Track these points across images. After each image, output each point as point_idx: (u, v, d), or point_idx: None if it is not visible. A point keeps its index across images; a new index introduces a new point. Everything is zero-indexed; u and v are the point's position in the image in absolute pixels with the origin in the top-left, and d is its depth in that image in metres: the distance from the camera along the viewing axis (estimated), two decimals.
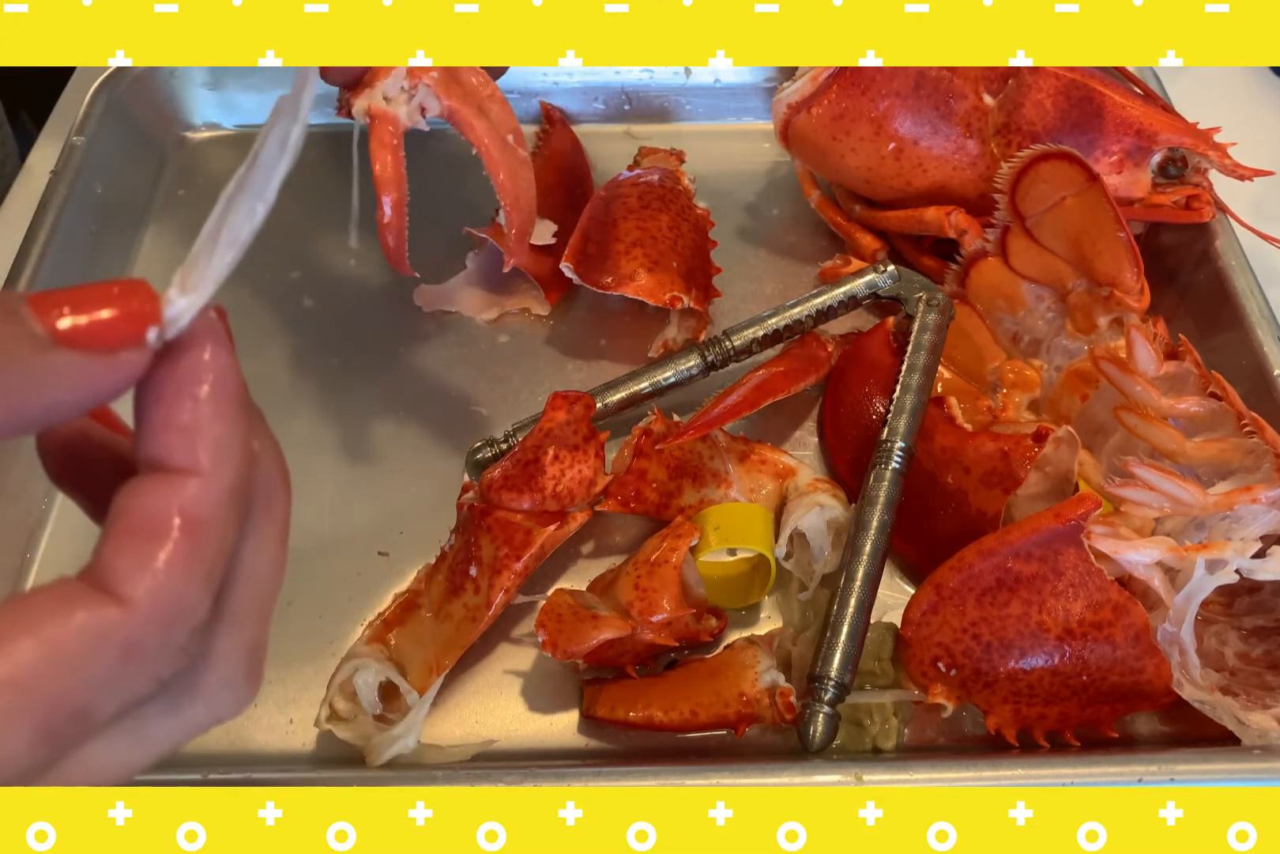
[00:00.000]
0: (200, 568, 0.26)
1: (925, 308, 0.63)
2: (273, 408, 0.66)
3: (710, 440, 0.60)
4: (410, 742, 0.50)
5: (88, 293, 0.26)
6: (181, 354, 0.27)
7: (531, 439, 0.56)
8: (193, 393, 0.27)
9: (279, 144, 0.26)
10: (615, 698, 0.53)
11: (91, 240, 0.72)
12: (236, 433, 0.27)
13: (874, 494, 0.56)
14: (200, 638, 0.28)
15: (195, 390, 0.27)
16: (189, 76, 0.80)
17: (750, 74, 0.82)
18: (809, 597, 0.57)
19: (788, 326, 0.64)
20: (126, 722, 0.27)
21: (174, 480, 0.26)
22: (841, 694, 0.51)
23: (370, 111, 0.56)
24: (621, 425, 0.62)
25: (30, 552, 0.61)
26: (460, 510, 0.57)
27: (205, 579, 0.27)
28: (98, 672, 0.26)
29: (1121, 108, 0.67)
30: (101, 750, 0.27)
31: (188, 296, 0.26)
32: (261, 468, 0.29)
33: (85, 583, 0.26)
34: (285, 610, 0.58)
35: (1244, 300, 0.65)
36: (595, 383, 0.64)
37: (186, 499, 0.26)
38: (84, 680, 0.25)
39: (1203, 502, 0.51)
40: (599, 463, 0.57)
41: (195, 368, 0.27)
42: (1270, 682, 0.52)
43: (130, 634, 0.26)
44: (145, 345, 0.26)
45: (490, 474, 0.56)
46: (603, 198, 0.70)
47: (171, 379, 0.27)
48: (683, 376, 0.64)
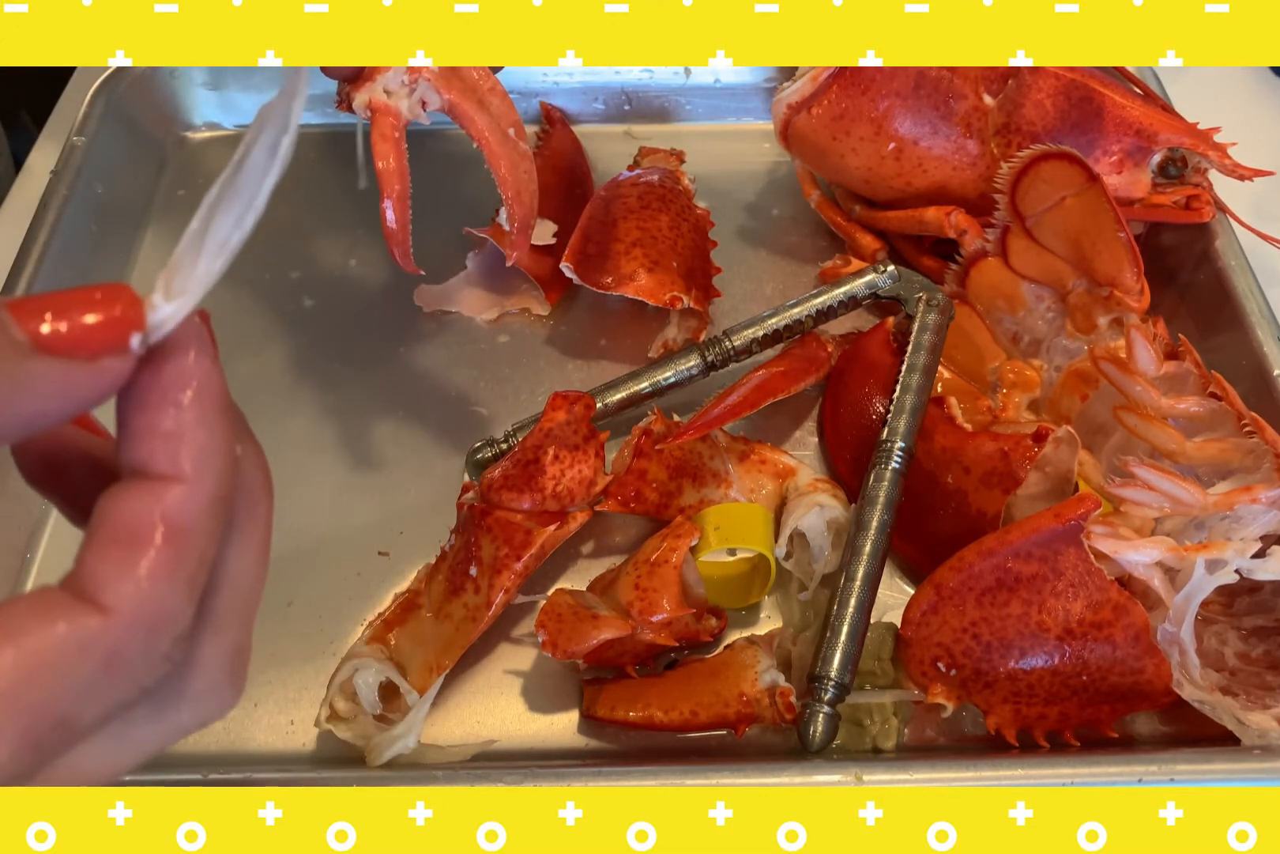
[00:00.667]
0: (183, 575, 0.26)
1: (925, 308, 0.63)
2: (273, 408, 0.67)
3: (710, 440, 0.60)
4: (410, 742, 0.50)
5: (70, 298, 0.25)
6: (165, 359, 0.26)
7: (531, 439, 0.56)
8: (176, 399, 0.26)
9: (268, 152, 0.26)
10: (615, 698, 0.53)
11: (91, 240, 0.72)
12: (219, 439, 0.27)
13: (874, 494, 0.56)
14: (183, 645, 0.28)
15: (178, 396, 0.26)
16: (189, 76, 0.80)
17: (750, 74, 0.82)
18: (809, 597, 0.57)
19: (788, 327, 0.64)
20: (111, 726, 0.27)
21: (157, 487, 0.26)
22: (841, 694, 0.51)
23: (371, 105, 0.56)
24: (621, 425, 0.62)
25: (30, 552, 0.61)
26: (460, 510, 0.57)
27: (188, 586, 0.27)
28: (80, 681, 0.25)
29: (1121, 108, 0.67)
30: (86, 754, 0.27)
31: (173, 303, 0.26)
32: (244, 472, 0.29)
33: (66, 591, 0.26)
34: (285, 610, 0.58)
35: (1244, 300, 0.65)
36: (595, 383, 0.64)
37: (169, 506, 0.26)
38: (66, 689, 0.25)
39: (1203, 501, 0.51)
40: (599, 463, 0.57)
41: (179, 373, 0.26)
42: (1270, 682, 0.52)
43: (112, 643, 0.26)
44: (129, 351, 0.25)
45: (490, 474, 0.56)
46: (603, 198, 0.70)
47: (155, 385, 0.26)
48: (683, 376, 0.64)
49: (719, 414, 0.58)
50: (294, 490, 0.63)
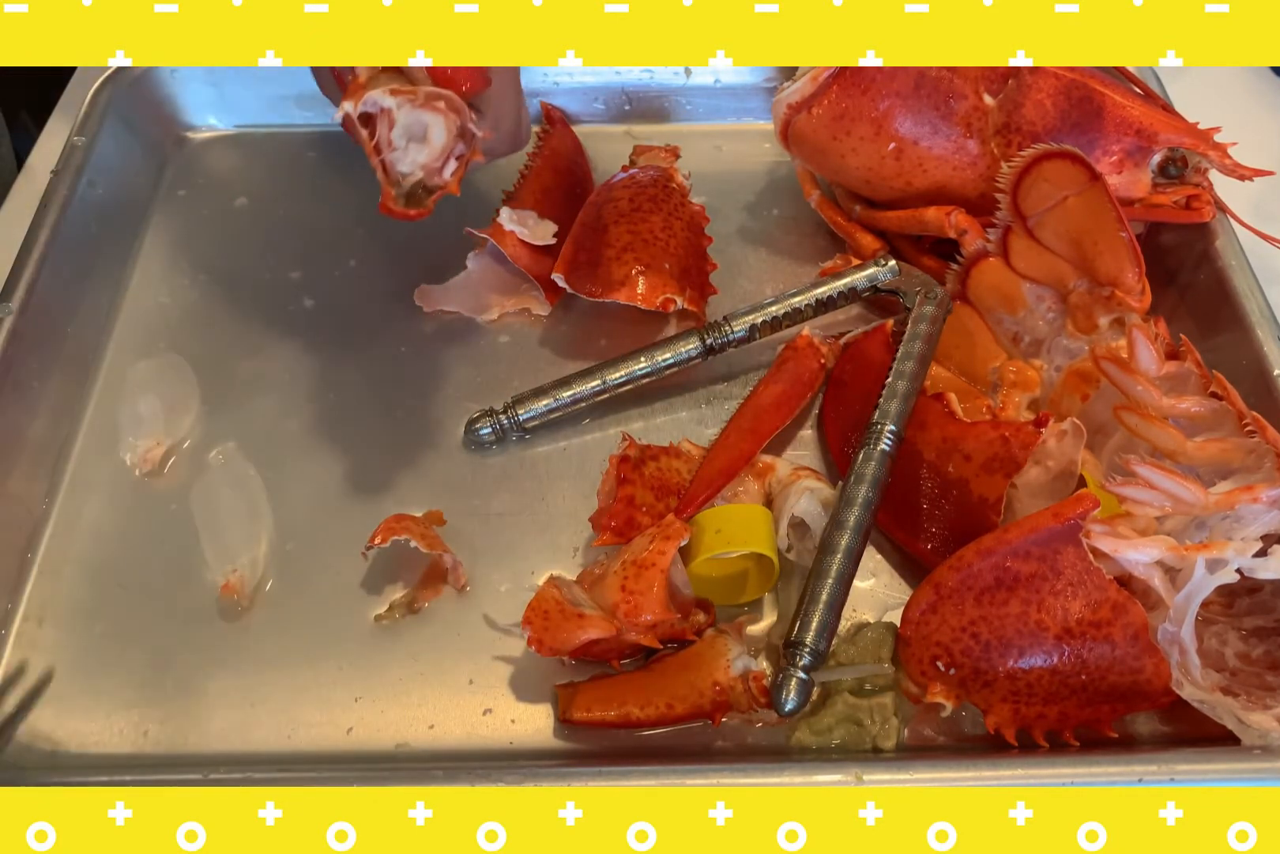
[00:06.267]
0: None
1: (922, 300, 0.63)
2: (273, 408, 0.67)
3: (684, 455, 0.61)
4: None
5: None
6: None
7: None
8: None
9: None
10: (590, 699, 0.54)
11: (92, 240, 0.72)
12: None
13: (861, 471, 0.56)
14: None
15: None
16: (189, 76, 0.80)
17: (750, 74, 0.82)
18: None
19: (787, 314, 0.65)
20: None
21: None
22: (816, 661, 0.52)
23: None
24: (620, 404, 0.64)
25: (30, 552, 0.61)
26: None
27: None
28: None
29: (1121, 108, 0.67)
30: None
31: None
32: None
33: None
34: (283, 610, 0.58)
35: (1244, 300, 0.65)
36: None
37: None
38: None
39: (1204, 500, 0.51)
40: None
41: None
42: (1270, 682, 0.52)
43: None
44: None
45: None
46: (594, 203, 0.70)
47: None
48: (681, 358, 0.65)
49: (722, 468, 0.59)
50: (293, 490, 0.63)
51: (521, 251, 0.69)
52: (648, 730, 0.54)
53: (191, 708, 0.55)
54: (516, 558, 0.60)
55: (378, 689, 0.56)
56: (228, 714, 0.55)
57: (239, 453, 0.64)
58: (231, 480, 0.63)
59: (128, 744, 0.54)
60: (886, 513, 0.58)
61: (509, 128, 0.59)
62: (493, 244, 0.69)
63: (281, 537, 0.61)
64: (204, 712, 0.55)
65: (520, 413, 0.64)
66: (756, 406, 0.64)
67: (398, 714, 0.55)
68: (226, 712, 0.55)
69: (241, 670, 0.56)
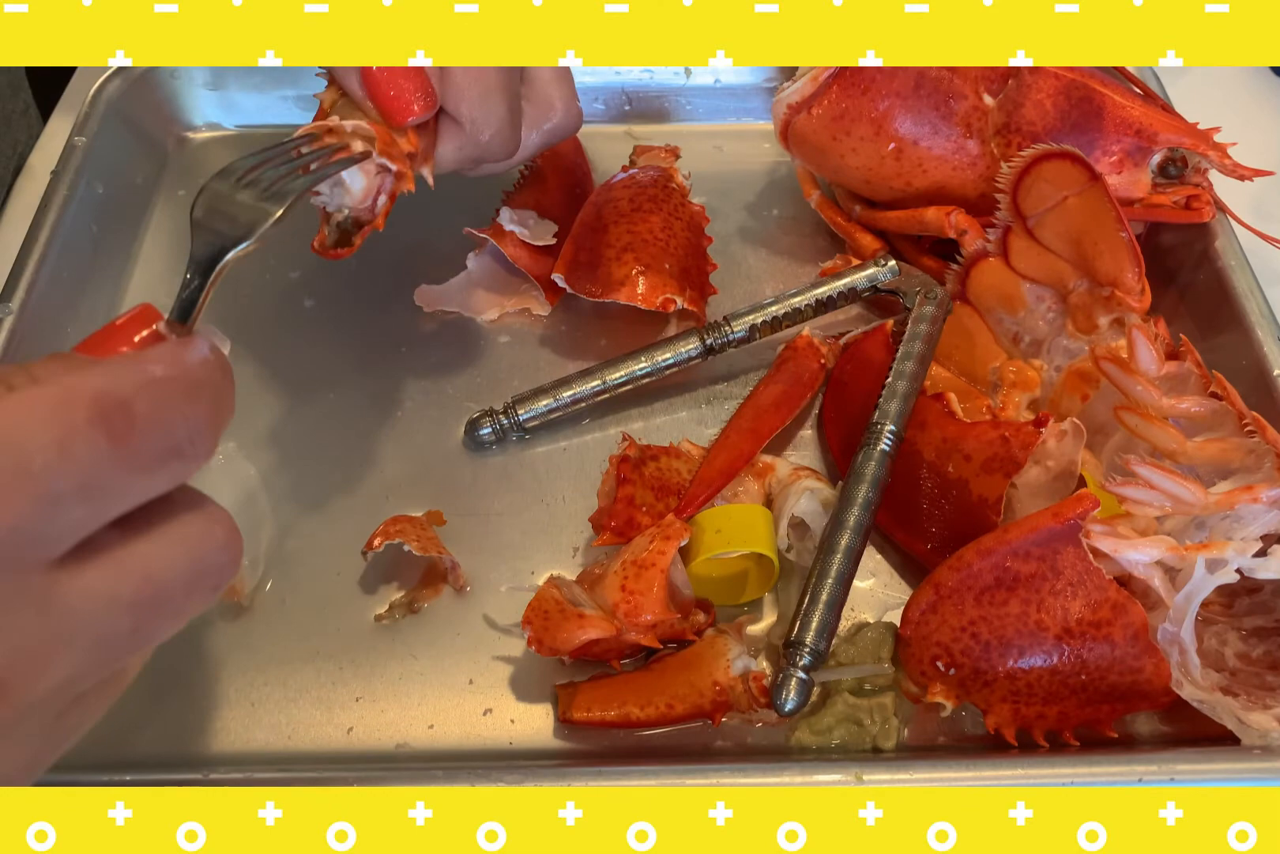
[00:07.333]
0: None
1: (922, 300, 0.64)
2: (272, 408, 0.67)
3: (683, 455, 0.61)
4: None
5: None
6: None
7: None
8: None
9: None
10: (590, 699, 0.54)
11: (92, 240, 0.72)
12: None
13: (861, 471, 0.56)
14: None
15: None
16: (189, 76, 0.80)
17: (750, 74, 0.82)
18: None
19: (787, 314, 0.65)
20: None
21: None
22: (816, 661, 0.52)
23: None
24: (620, 404, 0.64)
25: None
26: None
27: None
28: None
29: (1121, 108, 0.67)
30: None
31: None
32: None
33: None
34: (283, 610, 0.58)
35: (1244, 300, 0.65)
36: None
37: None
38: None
39: (1204, 500, 0.51)
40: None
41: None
42: (1270, 682, 0.52)
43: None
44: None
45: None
46: (594, 203, 0.70)
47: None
48: (681, 358, 0.65)
49: (722, 469, 0.59)
50: (293, 490, 0.63)
51: (521, 252, 0.69)
52: (647, 730, 0.54)
53: (191, 708, 0.55)
54: (516, 558, 0.61)
55: (377, 689, 0.56)
56: (228, 714, 0.55)
57: (239, 453, 0.64)
58: (231, 480, 0.63)
59: (128, 744, 0.54)
60: (886, 513, 0.58)
61: (493, 137, 0.58)
62: (493, 244, 0.69)
63: (281, 537, 0.61)
64: (204, 711, 0.55)
65: (520, 413, 0.64)
66: (756, 407, 0.64)
67: (397, 714, 0.55)
68: (226, 712, 0.55)
69: (241, 670, 0.56)
